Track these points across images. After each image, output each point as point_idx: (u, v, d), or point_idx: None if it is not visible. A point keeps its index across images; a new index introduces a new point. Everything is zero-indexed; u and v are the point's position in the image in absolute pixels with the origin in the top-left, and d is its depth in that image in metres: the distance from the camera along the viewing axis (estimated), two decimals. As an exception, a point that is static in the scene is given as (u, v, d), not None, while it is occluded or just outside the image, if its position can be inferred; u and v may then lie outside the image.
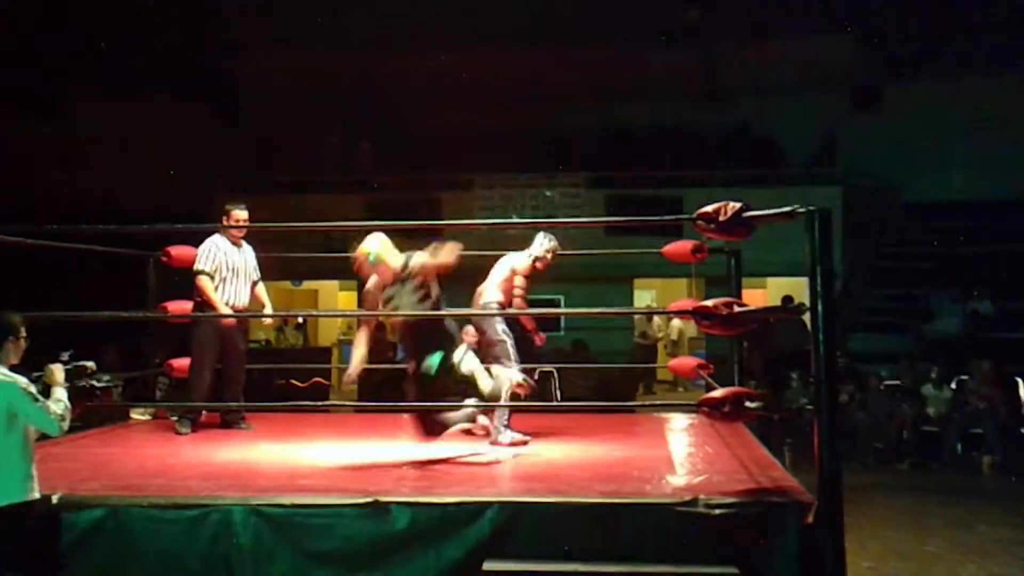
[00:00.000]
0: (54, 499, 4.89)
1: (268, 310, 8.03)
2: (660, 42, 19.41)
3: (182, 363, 8.16)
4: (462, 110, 19.57)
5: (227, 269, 7.51)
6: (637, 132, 19.93)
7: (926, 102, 19.01)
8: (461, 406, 6.65)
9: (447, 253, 6.04)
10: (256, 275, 7.80)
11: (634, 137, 19.81)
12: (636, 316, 19.18)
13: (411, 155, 19.14)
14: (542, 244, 7.13)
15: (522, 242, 7.26)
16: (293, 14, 18.65)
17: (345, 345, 20.48)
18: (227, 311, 7.43)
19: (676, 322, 19.35)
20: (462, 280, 6.79)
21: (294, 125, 20.07)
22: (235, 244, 7.63)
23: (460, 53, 19.03)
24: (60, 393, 4.69)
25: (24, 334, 4.77)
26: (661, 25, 18.93)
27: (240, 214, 7.54)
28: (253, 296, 7.78)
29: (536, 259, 7.11)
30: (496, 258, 7.29)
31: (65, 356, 5.64)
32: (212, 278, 7.45)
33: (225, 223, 7.57)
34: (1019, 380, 12.81)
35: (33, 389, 4.58)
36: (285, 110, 19.76)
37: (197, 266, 7.47)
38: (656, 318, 19.21)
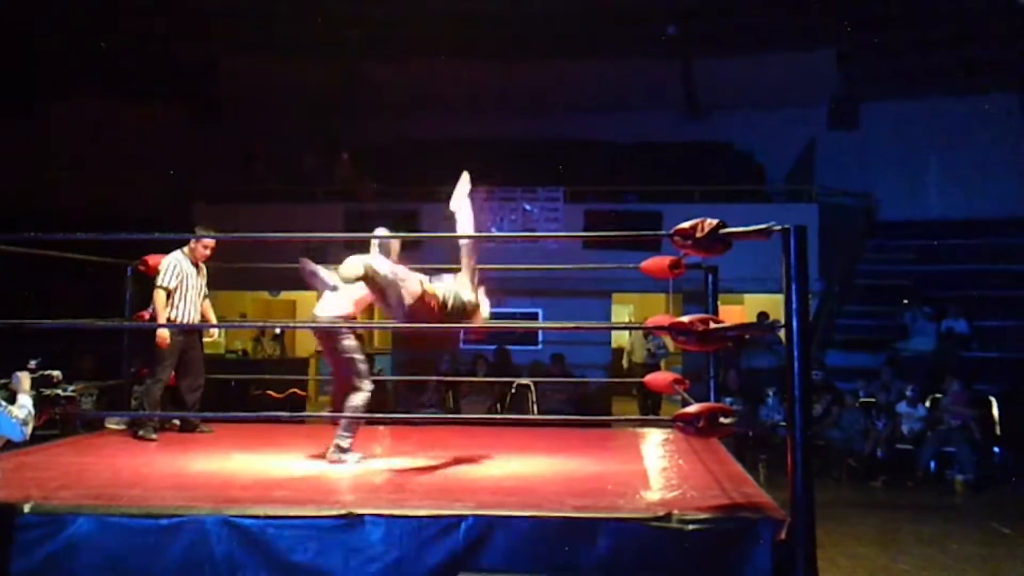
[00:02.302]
0: (26, 507, 4.87)
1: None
2: (640, 57, 19.52)
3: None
4: (442, 122, 19.62)
5: (186, 287, 7.85)
6: (616, 147, 20.02)
7: (901, 120, 19.17)
8: (434, 419, 6.66)
9: None
10: (204, 291, 8.16)
11: (613, 152, 19.90)
12: (615, 331, 19.17)
13: (390, 166, 19.14)
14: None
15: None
16: (275, 23, 18.66)
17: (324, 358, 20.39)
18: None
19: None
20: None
21: (274, 134, 20.05)
22: (195, 264, 7.96)
23: (441, 65, 19.07)
24: (24, 399, 4.79)
25: None
26: (642, 40, 19.03)
27: (209, 241, 7.91)
28: (202, 312, 8.14)
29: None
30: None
31: (32, 364, 5.64)
32: (171, 294, 7.77)
33: (193, 245, 7.90)
34: (992, 399, 12.91)
35: None
36: (265, 119, 19.74)
37: (160, 281, 7.78)
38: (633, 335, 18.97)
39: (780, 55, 19.04)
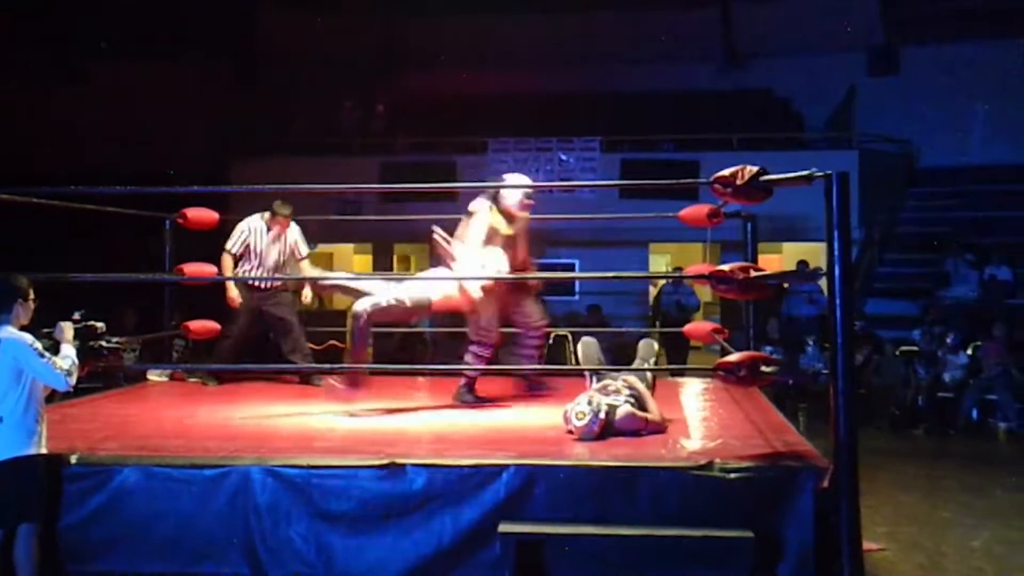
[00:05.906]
0: (73, 458, 4.94)
1: (306, 288, 8.75)
2: (676, 4, 19.29)
3: (198, 325, 8.25)
4: (477, 74, 19.50)
5: (254, 253, 8.09)
6: (653, 95, 19.82)
7: (943, 64, 18.81)
8: (475, 369, 6.67)
9: None
10: (300, 253, 8.39)
11: (650, 100, 19.70)
12: (651, 282, 19.10)
13: (426, 118, 19.08)
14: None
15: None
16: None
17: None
18: (234, 290, 8.06)
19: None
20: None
21: (311, 87, 20.01)
22: (271, 231, 8.15)
23: (476, 16, 18.94)
24: (68, 350, 4.84)
25: (33, 296, 4.85)
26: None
27: (282, 212, 8.12)
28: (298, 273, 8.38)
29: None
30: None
31: (76, 315, 5.69)
32: (237, 259, 8.05)
33: (269, 221, 8.14)
34: (1035, 346, 12.75)
35: (39, 346, 4.70)
36: (303, 72, 19.69)
37: (227, 244, 8.07)
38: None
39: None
